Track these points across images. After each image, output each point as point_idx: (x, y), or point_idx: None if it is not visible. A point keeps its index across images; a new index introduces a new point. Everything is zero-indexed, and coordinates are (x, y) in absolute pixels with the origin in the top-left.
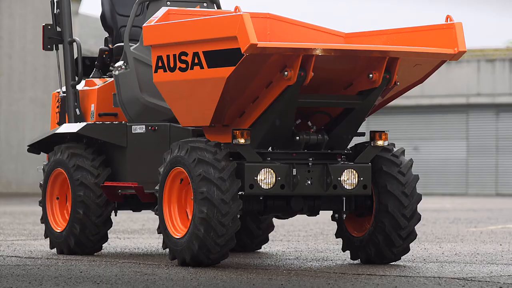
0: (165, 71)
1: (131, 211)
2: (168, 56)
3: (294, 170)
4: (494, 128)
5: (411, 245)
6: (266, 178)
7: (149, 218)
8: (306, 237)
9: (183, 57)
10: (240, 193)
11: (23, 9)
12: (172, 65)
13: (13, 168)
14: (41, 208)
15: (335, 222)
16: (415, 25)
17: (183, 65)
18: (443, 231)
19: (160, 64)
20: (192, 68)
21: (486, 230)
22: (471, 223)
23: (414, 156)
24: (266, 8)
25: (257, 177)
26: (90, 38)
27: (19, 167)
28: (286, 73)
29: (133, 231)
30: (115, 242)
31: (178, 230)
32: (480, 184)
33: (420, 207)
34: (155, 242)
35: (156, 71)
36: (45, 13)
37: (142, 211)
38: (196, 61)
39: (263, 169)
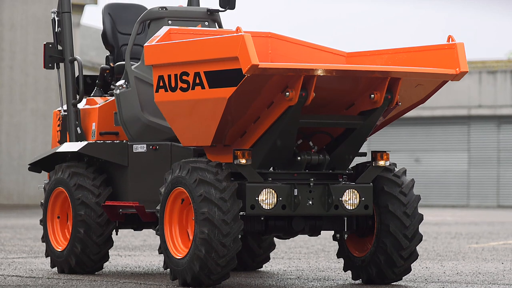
0: (166, 91)
1: (132, 230)
2: (169, 76)
3: (296, 190)
4: (496, 140)
5: (412, 263)
6: (267, 199)
7: (150, 233)
8: (307, 255)
9: (184, 77)
10: (241, 213)
11: (24, 20)
12: (173, 85)
13: (14, 179)
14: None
15: (337, 242)
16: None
17: (185, 85)
18: (444, 247)
19: (161, 84)
20: (193, 88)
21: (488, 246)
22: (473, 238)
23: (415, 168)
24: (268, 27)
25: (258, 197)
26: (91, 50)
27: (20, 179)
28: (287, 93)
29: (134, 248)
30: (116, 260)
31: (179, 251)
32: (481, 196)
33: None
34: (156, 260)
35: (157, 91)
36: (46, 25)
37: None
38: (197, 81)
39: (264, 190)
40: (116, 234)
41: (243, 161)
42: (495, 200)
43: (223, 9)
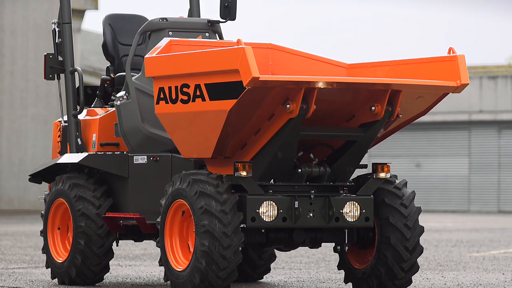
0: (167, 102)
1: (133, 241)
2: (170, 88)
3: (296, 202)
4: (496, 145)
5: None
6: (268, 211)
7: (150, 242)
8: (308, 264)
9: (185, 89)
10: (242, 225)
11: (25, 26)
12: (174, 97)
13: (15, 185)
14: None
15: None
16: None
17: (185, 97)
18: (445, 256)
19: (162, 96)
20: (194, 100)
21: (489, 255)
22: (473, 246)
23: (416, 173)
24: (269, 36)
25: (259, 209)
26: (92, 55)
27: (21, 184)
28: (288, 106)
29: (134, 257)
30: (116, 270)
31: (179, 263)
32: (482, 201)
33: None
34: (156, 271)
35: (158, 103)
36: (47, 30)
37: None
38: (198, 93)
39: (265, 202)
40: (117, 245)
41: (244, 173)
42: (496, 205)
43: (223, 20)
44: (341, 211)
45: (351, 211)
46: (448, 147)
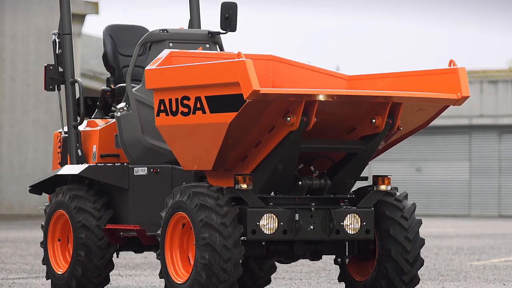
0: (167, 115)
1: (133, 252)
2: (170, 100)
3: (297, 215)
4: (497, 149)
5: None
6: (268, 224)
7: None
8: (308, 274)
9: (185, 102)
10: (242, 238)
11: (25, 31)
12: (174, 109)
13: (15, 190)
14: (43, 235)
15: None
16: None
17: (185, 110)
18: (445, 265)
19: (162, 108)
20: (194, 113)
21: (489, 264)
22: (474, 254)
23: (416, 177)
24: (270, 50)
25: (259, 222)
26: (92, 59)
27: (21, 189)
28: (288, 118)
29: (135, 266)
30: (117, 281)
31: (180, 276)
32: (482, 206)
33: (423, 231)
34: (157, 281)
35: (158, 115)
36: (47, 35)
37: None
38: (198, 105)
39: (265, 214)
40: (117, 256)
41: (244, 186)
42: (497, 210)
43: (224, 32)
44: (341, 223)
45: (351, 223)
46: (449, 152)
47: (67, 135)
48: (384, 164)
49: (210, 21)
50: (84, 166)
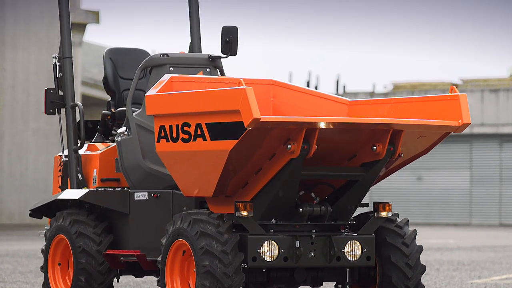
0: (167, 141)
1: (133, 276)
2: (170, 127)
3: (297, 242)
4: (498, 158)
5: None
6: (269, 251)
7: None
8: None
9: (185, 128)
10: (243, 265)
11: (26, 41)
12: (174, 135)
13: (16, 199)
14: (43, 244)
15: None
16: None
17: (186, 136)
18: (446, 283)
19: (162, 134)
20: (194, 140)
21: (490, 282)
22: (475, 270)
23: (417, 186)
24: (270, 74)
25: (260, 249)
26: (93, 67)
27: (22, 199)
28: (289, 146)
29: (135, 285)
30: None
31: None
32: (483, 214)
33: (423, 242)
34: None
35: (158, 141)
36: (48, 45)
37: None
38: (199, 132)
39: (266, 242)
40: (117, 281)
41: (245, 213)
42: (498, 219)
43: (225, 56)
44: (342, 250)
45: (352, 250)
46: (450, 160)
47: (67, 159)
48: None
49: (211, 45)
50: (85, 190)
